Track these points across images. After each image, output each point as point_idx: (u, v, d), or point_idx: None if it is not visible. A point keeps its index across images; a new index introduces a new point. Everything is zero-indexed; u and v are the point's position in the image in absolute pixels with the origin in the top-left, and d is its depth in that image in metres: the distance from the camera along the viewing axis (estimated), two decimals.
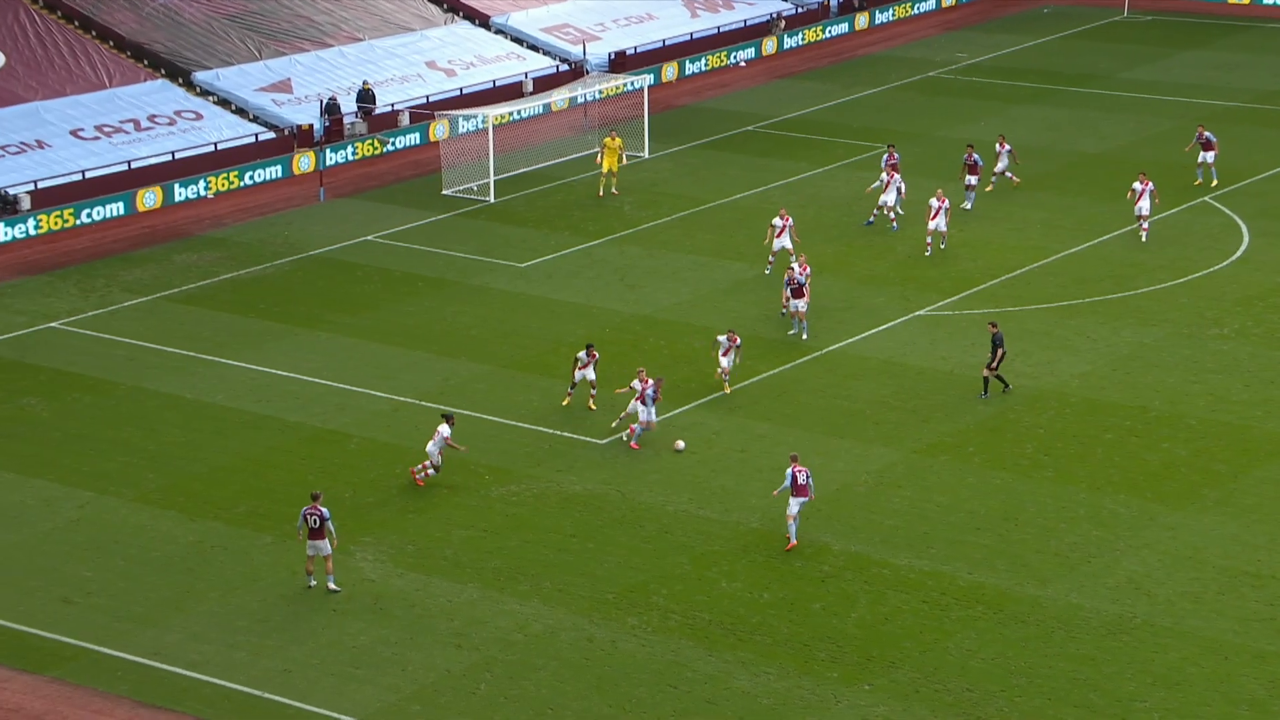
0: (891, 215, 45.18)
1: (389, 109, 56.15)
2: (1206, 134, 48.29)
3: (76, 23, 56.86)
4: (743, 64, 65.12)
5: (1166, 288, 41.22)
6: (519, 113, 55.76)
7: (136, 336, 39.74)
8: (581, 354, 34.97)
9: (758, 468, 32.42)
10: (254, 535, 30.43)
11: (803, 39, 67.48)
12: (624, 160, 49.03)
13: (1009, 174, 48.24)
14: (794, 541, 29.33)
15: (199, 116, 53.97)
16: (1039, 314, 39.60)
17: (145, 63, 55.92)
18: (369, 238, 46.40)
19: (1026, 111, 56.97)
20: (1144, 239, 43.28)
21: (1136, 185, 43.45)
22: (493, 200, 49.31)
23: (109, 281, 43.78)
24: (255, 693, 25.91)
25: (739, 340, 35.25)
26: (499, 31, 63.11)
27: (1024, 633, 26.97)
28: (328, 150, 52.72)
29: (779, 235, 41.88)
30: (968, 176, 46.79)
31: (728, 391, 34.89)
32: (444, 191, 50.15)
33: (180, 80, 55.59)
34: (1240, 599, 27.79)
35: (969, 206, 46.53)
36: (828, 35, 68.34)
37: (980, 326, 38.98)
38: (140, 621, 27.86)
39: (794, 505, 29.21)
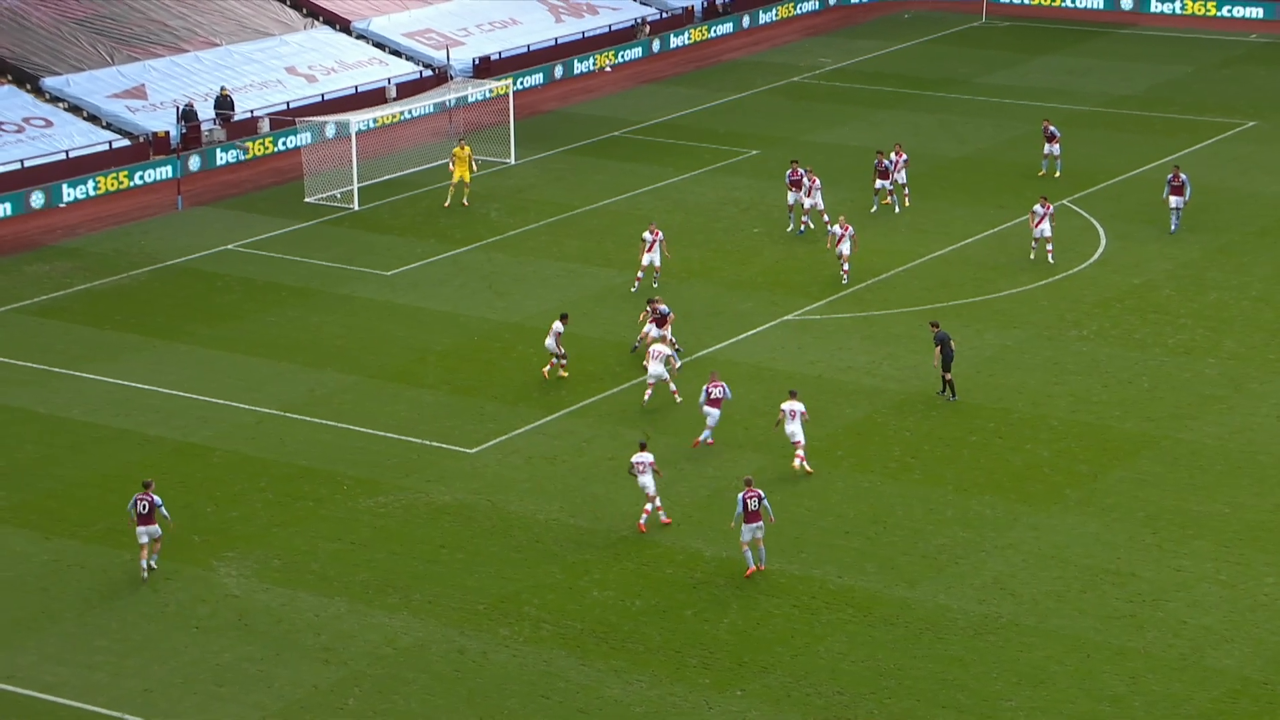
0: (825, 219, 45.20)
1: (248, 115, 55.42)
2: (1051, 128, 50.02)
3: None
4: (609, 69, 65.33)
5: (1027, 290, 42.13)
6: (384, 119, 55.35)
7: None
8: (558, 324, 35.70)
9: (628, 475, 32.51)
10: (113, 552, 29.83)
11: (668, 44, 67.91)
12: (475, 169, 48.81)
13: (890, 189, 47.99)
14: (758, 567, 28.67)
15: (49, 124, 52.78)
16: (904, 317, 40.23)
17: None
18: (230, 247, 45.73)
19: (889, 116, 57.87)
20: (1051, 261, 42.83)
21: (1038, 208, 43.08)
22: (357, 208, 48.89)
23: None
24: (115, 714, 25.40)
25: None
26: (360, 37, 62.61)
27: (893, 635, 27.39)
28: (209, 155, 51.88)
29: (649, 250, 41.34)
30: (878, 181, 47.06)
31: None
32: (306, 199, 49.61)
33: (28, 86, 54.31)
34: (1102, 596, 28.49)
35: (898, 210, 46.99)
36: (693, 40, 68.85)
37: (846, 331, 39.51)
38: None
39: (746, 532, 28.55)
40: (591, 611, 28.05)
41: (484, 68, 61.75)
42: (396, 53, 62.04)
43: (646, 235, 41.74)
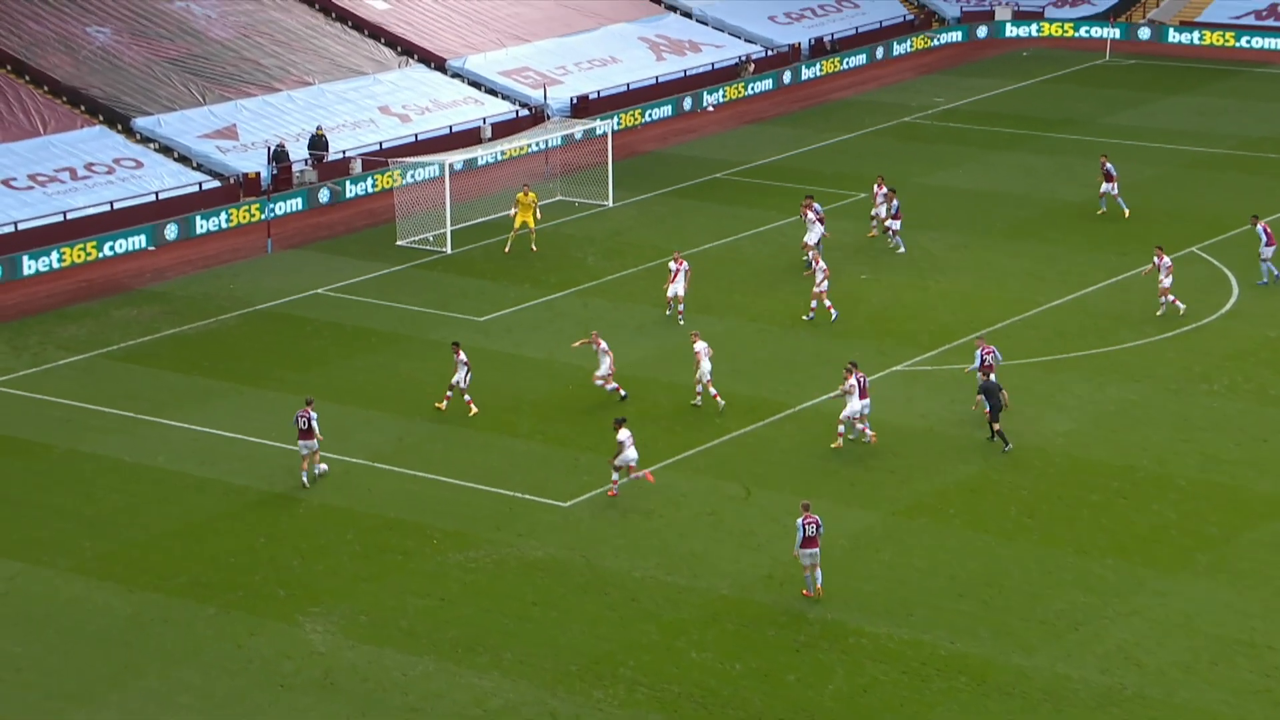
0: (811, 254, 46.06)
1: (340, 156, 56.23)
2: (1108, 165, 50.07)
3: (8, 67, 56.80)
4: (710, 108, 65.58)
5: (1153, 342, 41.53)
6: (477, 160, 55.96)
7: (72, 396, 39.51)
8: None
9: (728, 531, 32.39)
10: (197, 606, 30.17)
11: (773, 83, 68.05)
12: (539, 215, 49.04)
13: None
14: (817, 589, 29.84)
15: (139, 164, 53.92)
16: (1020, 369, 39.80)
17: (82, 108, 55.87)
18: (320, 291, 46.33)
19: (1004, 158, 57.51)
20: (1162, 313, 42.46)
21: (1156, 260, 42.53)
22: (450, 251, 49.37)
23: (43, 339, 43.55)
24: None
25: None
26: (455, 75, 63.44)
27: (1009, 705, 26.96)
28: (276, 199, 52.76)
29: (673, 280, 42.42)
30: (890, 221, 47.54)
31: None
32: (398, 242, 50.20)
33: (119, 127, 55.55)
34: (1234, 669, 27.86)
35: (902, 250, 47.24)
36: (799, 79, 68.96)
37: (960, 382, 39.14)
38: (74, 699, 27.54)
39: (805, 558, 29.60)
40: (689, 674, 27.90)
41: (582, 107, 62.26)
42: (492, 91, 62.77)
43: (671, 264, 42.49)
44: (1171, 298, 42.63)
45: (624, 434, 33.15)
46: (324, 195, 53.51)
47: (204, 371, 40.88)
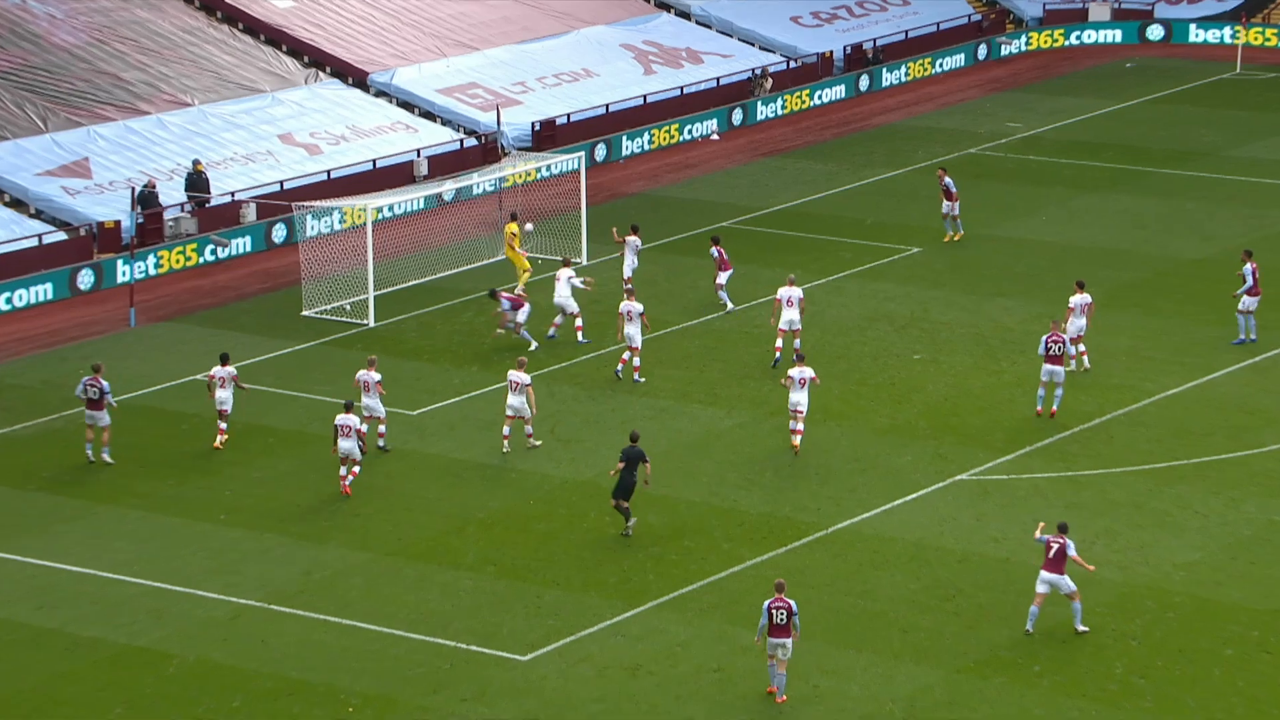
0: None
1: (228, 199, 56.49)
2: (947, 180, 52.83)
3: None
4: (715, 137, 66.05)
5: None
6: (409, 204, 56.21)
7: None
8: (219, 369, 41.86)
9: (739, 693, 32.29)
10: None
11: (797, 103, 68.54)
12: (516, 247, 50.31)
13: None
14: (780, 698, 31.08)
15: None
16: (1126, 479, 39.87)
17: None
18: (200, 376, 46.36)
19: (1101, 201, 57.86)
20: (1086, 366, 44.64)
21: (1073, 300, 44.91)
22: (372, 324, 49.51)
23: None
24: None
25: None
26: (380, 94, 63.93)
27: None
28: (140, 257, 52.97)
29: (628, 322, 45.32)
30: (718, 274, 49.43)
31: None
32: (304, 312, 50.35)
33: None
34: None
35: (730, 307, 49.21)
36: (830, 98, 69.48)
37: (1046, 495, 39.18)
38: None
39: (771, 647, 30.92)
40: None
41: (547, 135, 62.71)
42: (429, 115, 63.25)
43: (634, 307, 45.12)
44: (1081, 348, 44.64)
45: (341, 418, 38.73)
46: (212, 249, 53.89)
47: (43, 485, 40.80)
